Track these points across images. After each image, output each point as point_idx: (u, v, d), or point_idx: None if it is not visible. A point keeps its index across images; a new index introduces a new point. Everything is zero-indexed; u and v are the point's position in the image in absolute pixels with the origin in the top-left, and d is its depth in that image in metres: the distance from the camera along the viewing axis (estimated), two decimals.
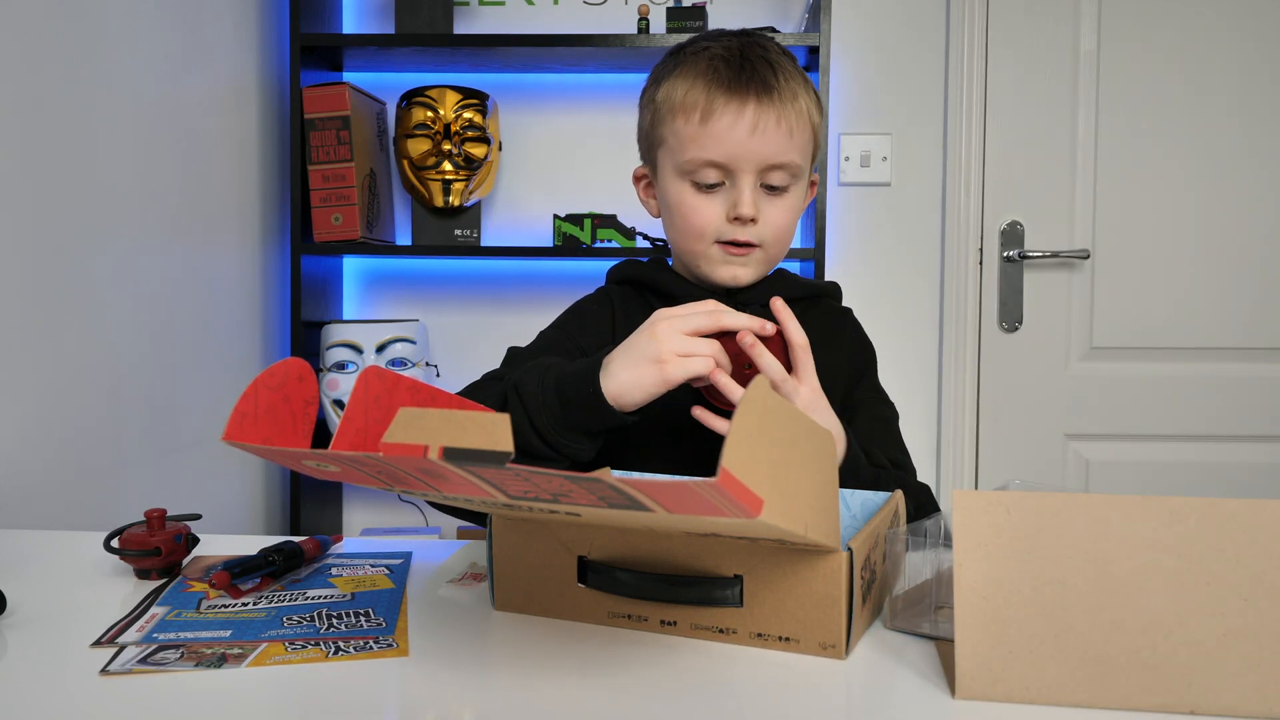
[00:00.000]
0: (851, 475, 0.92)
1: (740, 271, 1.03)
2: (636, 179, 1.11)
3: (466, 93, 2.21)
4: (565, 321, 1.12)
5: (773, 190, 1.01)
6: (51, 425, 1.40)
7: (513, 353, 1.07)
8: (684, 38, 2.11)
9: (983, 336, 2.39)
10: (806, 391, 0.90)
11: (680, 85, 1.00)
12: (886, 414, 1.09)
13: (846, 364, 1.09)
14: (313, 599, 0.82)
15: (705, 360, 0.85)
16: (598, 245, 2.23)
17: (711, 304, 0.88)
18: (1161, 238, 2.35)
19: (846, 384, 1.09)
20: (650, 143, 1.06)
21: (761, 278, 1.06)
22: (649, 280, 1.10)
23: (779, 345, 0.90)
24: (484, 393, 0.94)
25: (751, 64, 0.99)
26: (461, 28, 2.36)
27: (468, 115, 2.20)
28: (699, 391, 0.91)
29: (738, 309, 0.89)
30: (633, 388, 0.84)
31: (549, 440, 0.87)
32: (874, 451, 1.00)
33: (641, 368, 0.84)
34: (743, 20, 2.36)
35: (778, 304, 0.91)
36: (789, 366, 0.90)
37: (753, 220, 1.00)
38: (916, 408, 2.41)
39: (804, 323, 0.92)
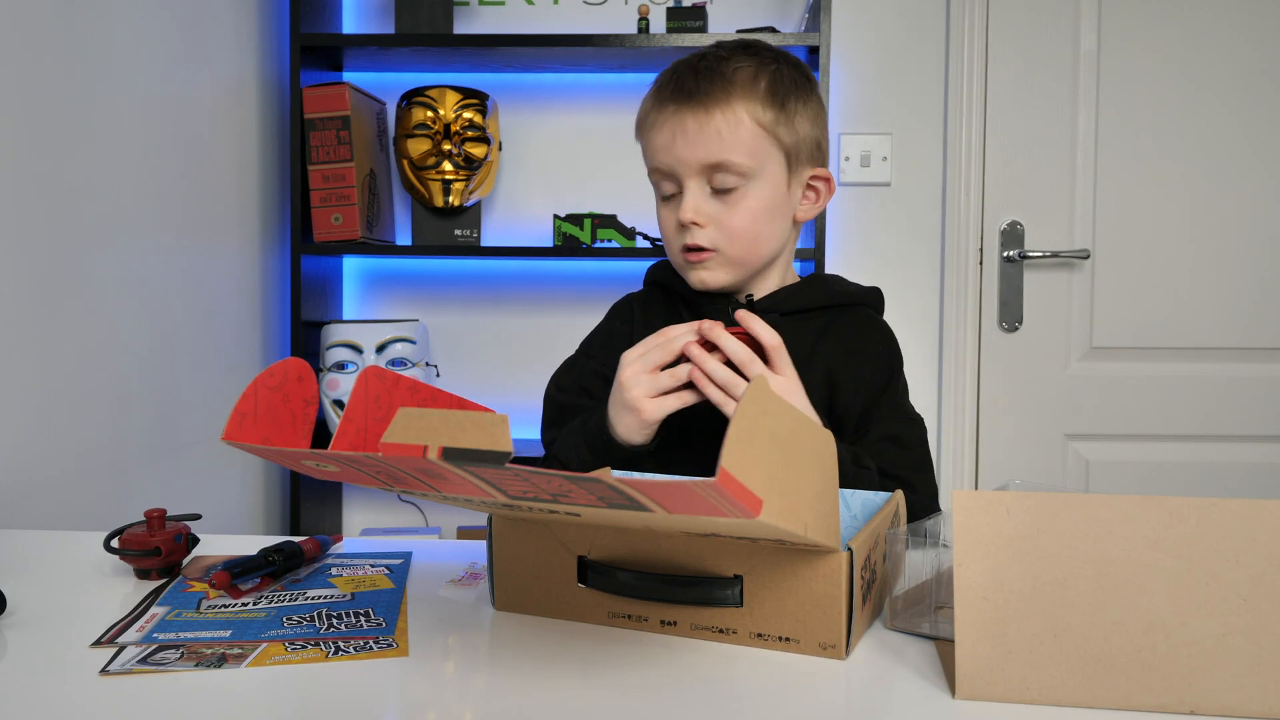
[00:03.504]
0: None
1: (705, 275, 1.05)
2: None
3: (466, 93, 2.21)
4: (594, 343, 1.16)
5: (722, 193, 1.02)
6: (52, 425, 1.40)
7: (552, 399, 1.13)
8: (684, 38, 2.15)
9: (983, 336, 2.39)
10: (781, 381, 0.93)
11: (641, 109, 1.08)
12: (900, 431, 1.06)
13: (868, 378, 1.08)
14: (313, 599, 0.82)
15: (680, 396, 0.93)
16: (598, 245, 2.23)
17: (665, 334, 0.94)
18: (1161, 238, 2.35)
19: (866, 398, 1.07)
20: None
21: (738, 282, 1.07)
22: (673, 284, 1.13)
23: (750, 343, 0.94)
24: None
25: (681, 76, 1.03)
26: (461, 28, 2.36)
27: (468, 115, 2.20)
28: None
29: (758, 315, 0.96)
30: (629, 433, 0.95)
31: None
32: (862, 455, 0.98)
33: (625, 417, 0.94)
34: (742, 20, 2.36)
35: (740, 315, 0.95)
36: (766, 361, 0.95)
37: (695, 224, 1.02)
38: (917, 408, 2.40)
39: (830, 332, 1.02)
